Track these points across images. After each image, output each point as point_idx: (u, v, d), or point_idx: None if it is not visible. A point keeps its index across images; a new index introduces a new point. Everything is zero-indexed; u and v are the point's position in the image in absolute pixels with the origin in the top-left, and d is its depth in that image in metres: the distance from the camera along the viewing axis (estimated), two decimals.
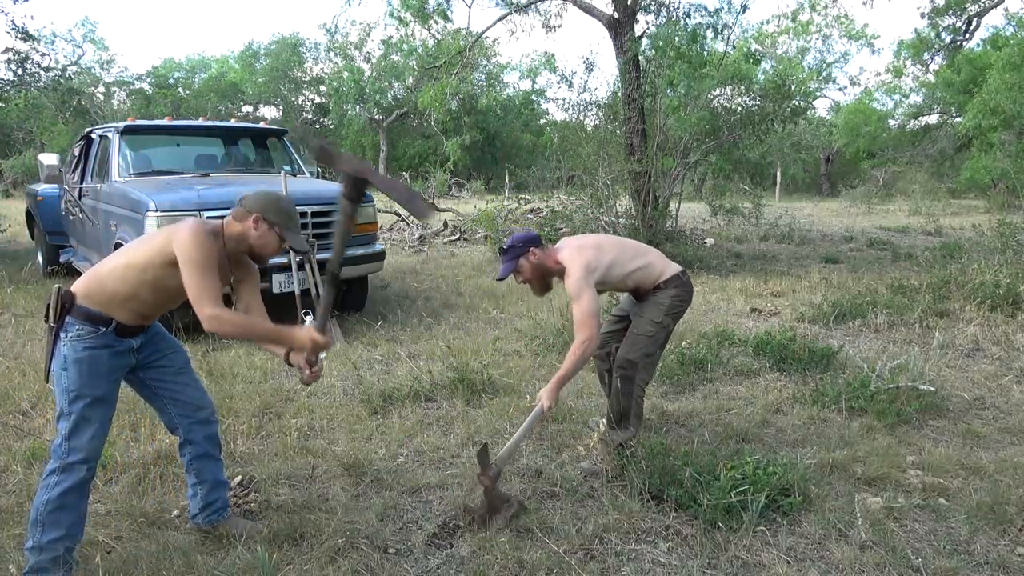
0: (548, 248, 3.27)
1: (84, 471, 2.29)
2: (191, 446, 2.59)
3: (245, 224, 2.37)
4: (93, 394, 2.27)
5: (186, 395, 2.54)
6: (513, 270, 3.21)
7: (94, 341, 2.26)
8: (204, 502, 2.63)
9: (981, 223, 12.16)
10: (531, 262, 3.19)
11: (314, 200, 5.81)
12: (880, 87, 28.07)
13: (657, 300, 3.29)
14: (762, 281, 8.03)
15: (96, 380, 2.27)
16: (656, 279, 3.29)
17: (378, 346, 5.34)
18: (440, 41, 11.96)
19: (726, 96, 9.74)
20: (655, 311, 3.28)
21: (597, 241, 3.35)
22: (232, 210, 2.42)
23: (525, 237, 3.24)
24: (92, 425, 2.28)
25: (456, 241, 11.94)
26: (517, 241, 3.22)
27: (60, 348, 2.25)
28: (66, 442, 2.25)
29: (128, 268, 2.29)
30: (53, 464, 2.27)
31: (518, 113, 34.35)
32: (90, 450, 2.29)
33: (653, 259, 3.35)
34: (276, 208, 2.38)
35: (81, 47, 32.28)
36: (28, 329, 5.67)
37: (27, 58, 12.34)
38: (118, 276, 2.28)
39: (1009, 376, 4.62)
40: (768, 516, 2.73)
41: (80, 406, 2.24)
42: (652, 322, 3.26)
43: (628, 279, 3.26)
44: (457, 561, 2.52)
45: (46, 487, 2.26)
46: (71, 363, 2.24)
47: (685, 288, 3.34)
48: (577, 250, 3.20)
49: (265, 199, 2.40)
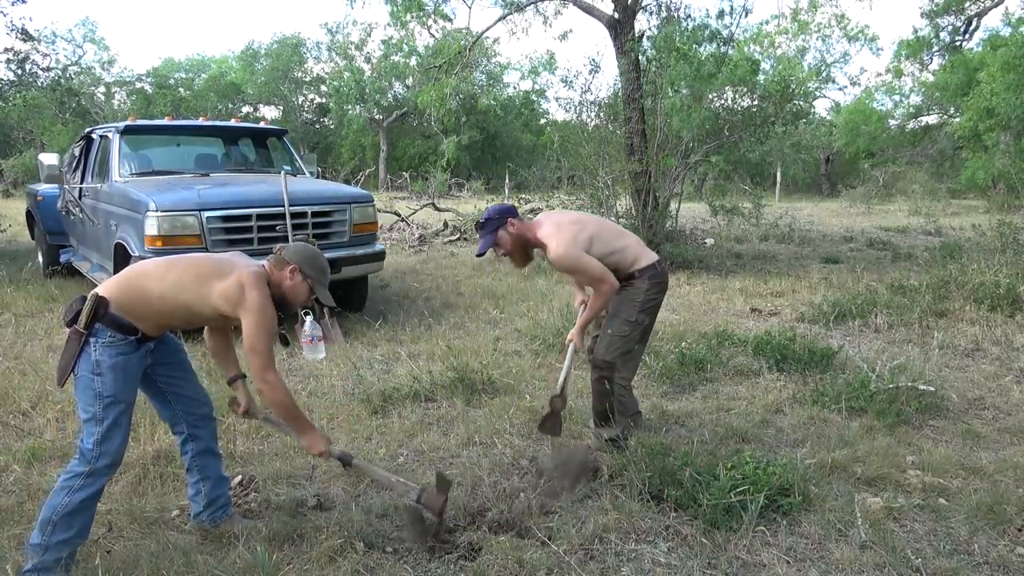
0: (527, 221, 3.24)
1: (108, 475, 2.36)
2: (195, 442, 2.62)
3: (282, 273, 2.50)
4: (127, 399, 2.33)
5: (191, 391, 2.61)
6: (493, 243, 3.15)
7: (124, 347, 2.30)
8: (208, 499, 2.65)
9: (981, 223, 12.17)
10: (510, 233, 3.14)
11: (314, 200, 5.82)
12: (880, 87, 28.09)
13: (631, 296, 3.23)
14: (762, 281, 8.03)
15: (129, 385, 2.34)
16: (631, 264, 3.22)
17: (378, 346, 5.34)
18: (440, 41, 11.95)
19: (728, 97, 9.73)
20: (629, 309, 3.23)
21: (578, 216, 3.33)
22: (270, 257, 2.55)
23: (501, 208, 3.19)
24: (122, 431, 2.34)
25: (456, 241, 11.94)
26: (494, 213, 3.16)
27: (91, 353, 2.26)
28: (98, 447, 2.27)
29: (179, 306, 2.35)
30: (81, 467, 2.29)
31: (518, 113, 34.36)
32: (117, 455, 2.34)
33: (631, 243, 3.29)
34: (313, 263, 2.56)
35: (81, 47, 32.36)
36: (28, 329, 5.67)
37: (27, 58, 12.34)
38: (164, 301, 2.33)
39: (1009, 376, 4.62)
40: (768, 516, 2.73)
41: (115, 412, 2.29)
42: (627, 321, 3.23)
43: (606, 259, 3.17)
44: (457, 561, 2.52)
45: (68, 489, 2.27)
46: (107, 369, 2.26)
47: (659, 280, 3.27)
48: (557, 226, 3.14)
49: (304, 253, 2.57)
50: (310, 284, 2.54)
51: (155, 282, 2.34)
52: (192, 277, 2.36)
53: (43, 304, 6.46)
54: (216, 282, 2.34)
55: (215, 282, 2.34)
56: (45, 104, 19.53)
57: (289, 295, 2.51)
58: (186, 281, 2.35)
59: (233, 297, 2.32)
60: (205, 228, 5.19)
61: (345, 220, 5.91)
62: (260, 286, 2.37)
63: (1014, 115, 14.61)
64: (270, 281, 2.47)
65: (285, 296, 2.51)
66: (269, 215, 5.43)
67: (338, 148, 34.10)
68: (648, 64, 9.19)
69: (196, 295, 2.34)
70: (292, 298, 2.53)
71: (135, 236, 5.25)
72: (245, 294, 2.32)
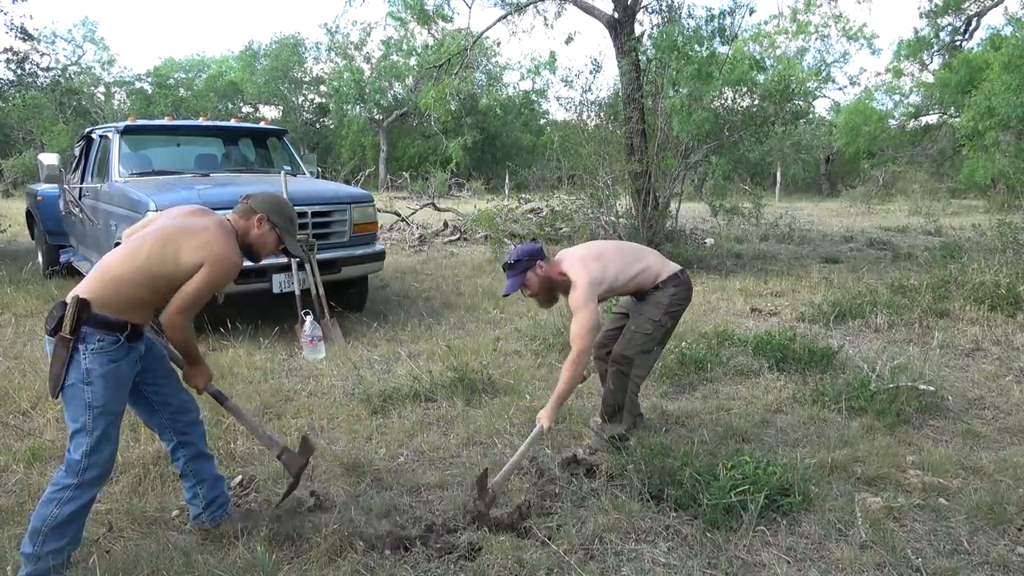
0: (551, 260, 3.27)
1: (98, 486, 2.30)
2: (185, 448, 2.59)
3: (249, 222, 2.46)
4: (118, 409, 2.27)
5: (178, 398, 2.56)
6: (521, 284, 3.18)
7: (115, 353, 2.22)
8: (207, 500, 2.64)
9: (981, 223, 12.17)
10: (538, 275, 3.17)
11: (314, 200, 5.82)
12: (880, 87, 28.09)
13: (656, 299, 3.31)
14: (762, 281, 8.03)
15: (120, 394, 2.27)
16: (655, 279, 3.32)
17: (378, 346, 5.34)
18: (441, 41, 11.94)
19: (728, 97, 9.73)
20: (654, 310, 3.30)
21: (600, 251, 3.32)
22: (237, 207, 2.50)
23: (530, 250, 3.22)
24: (112, 441, 2.27)
25: (456, 241, 11.94)
26: (523, 255, 3.19)
27: (80, 361, 2.17)
28: (86, 458, 2.21)
29: (163, 279, 2.27)
30: (68, 479, 2.22)
31: (518, 113, 34.35)
32: (107, 466, 2.28)
33: (652, 261, 3.37)
34: (280, 211, 2.50)
35: (81, 47, 32.36)
36: (28, 329, 5.67)
37: (26, 58, 12.33)
38: (139, 280, 2.24)
39: (1009, 376, 4.62)
40: (768, 516, 2.73)
41: (105, 422, 2.22)
42: (651, 320, 3.29)
43: (630, 284, 3.29)
44: (457, 561, 2.51)
45: (57, 501, 2.21)
46: (97, 378, 2.18)
47: (684, 287, 3.36)
48: (581, 262, 3.18)
49: (272, 201, 2.51)
50: (278, 233, 2.50)
51: (128, 267, 2.25)
52: (160, 247, 2.28)
53: (43, 304, 6.46)
54: (183, 240, 2.28)
55: (182, 240, 2.28)
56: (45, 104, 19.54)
57: (256, 244, 2.49)
58: (156, 253, 2.27)
59: (202, 250, 2.27)
60: None
61: (345, 220, 5.91)
62: (229, 240, 2.33)
63: (1014, 115, 14.59)
64: (237, 231, 2.43)
65: (252, 246, 2.48)
66: None
67: (338, 148, 34.10)
68: (648, 64, 9.19)
69: (170, 264, 2.27)
70: (259, 247, 2.50)
71: None
72: (212, 246, 2.28)
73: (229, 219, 2.47)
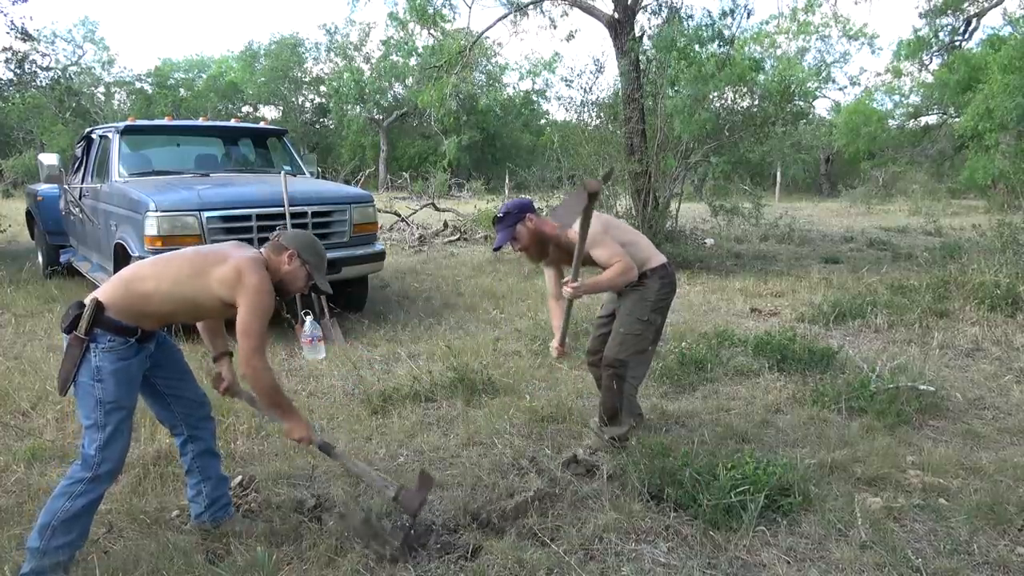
0: (542, 217, 3.24)
1: (110, 481, 2.36)
2: (195, 443, 2.63)
3: (279, 258, 2.51)
4: (128, 405, 2.33)
5: (190, 393, 2.61)
6: (511, 238, 3.14)
7: (125, 352, 2.29)
8: (210, 499, 2.66)
9: (981, 223, 12.16)
10: (528, 228, 3.13)
11: (314, 200, 5.82)
12: (880, 87, 28.09)
13: (642, 295, 3.24)
14: (762, 281, 8.03)
15: (130, 390, 2.34)
16: (643, 263, 3.23)
17: (378, 346, 5.34)
18: (440, 41, 11.93)
19: (728, 98, 9.73)
20: (641, 308, 3.23)
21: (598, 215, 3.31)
22: (268, 244, 2.57)
23: (520, 203, 3.18)
24: (124, 436, 2.34)
25: (456, 241, 11.94)
26: (512, 208, 3.14)
27: (91, 360, 2.25)
28: (100, 453, 2.27)
29: (181, 301, 2.35)
30: (83, 473, 2.28)
31: (518, 113, 34.32)
32: (120, 460, 2.34)
33: (642, 242, 3.32)
34: (310, 248, 2.56)
35: (81, 47, 32.36)
36: (28, 329, 5.67)
37: (26, 58, 12.30)
38: (164, 300, 2.33)
39: (1009, 376, 4.62)
40: (768, 516, 2.73)
41: (117, 418, 2.29)
42: (639, 320, 3.24)
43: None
44: (457, 561, 2.51)
45: (70, 495, 2.27)
46: (108, 375, 2.26)
47: (669, 280, 3.30)
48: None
49: (302, 238, 2.58)
50: (308, 270, 2.55)
51: (152, 282, 2.33)
52: (189, 270, 2.36)
53: (43, 304, 6.46)
54: (213, 270, 2.35)
55: (212, 270, 2.35)
56: (45, 104, 19.53)
57: (287, 280, 2.53)
58: (184, 275, 2.35)
59: (230, 280, 2.32)
60: (205, 228, 5.19)
61: (345, 220, 5.91)
62: (259, 270, 2.38)
63: (1012, 116, 14.60)
64: (268, 267, 2.47)
65: (283, 281, 2.52)
66: (269, 215, 5.42)
67: (338, 148, 34.10)
68: (648, 64, 9.19)
69: (196, 286, 2.34)
70: (290, 283, 2.54)
71: (135, 236, 5.25)
72: (243, 277, 2.32)
73: (262, 252, 2.53)
